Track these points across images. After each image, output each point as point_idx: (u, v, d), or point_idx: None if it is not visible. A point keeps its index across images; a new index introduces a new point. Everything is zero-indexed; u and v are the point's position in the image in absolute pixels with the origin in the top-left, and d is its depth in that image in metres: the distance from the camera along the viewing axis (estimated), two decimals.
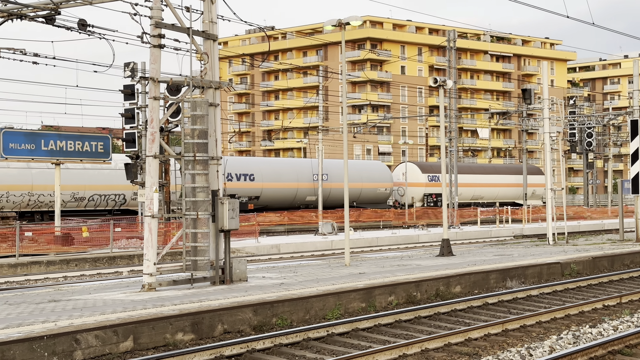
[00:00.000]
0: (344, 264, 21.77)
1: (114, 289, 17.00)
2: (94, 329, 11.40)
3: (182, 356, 10.98)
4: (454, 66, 57.12)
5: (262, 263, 26.90)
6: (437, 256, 24.55)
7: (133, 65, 31.16)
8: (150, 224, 16.14)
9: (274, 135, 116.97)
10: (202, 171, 16.68)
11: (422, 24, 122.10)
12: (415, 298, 16.76)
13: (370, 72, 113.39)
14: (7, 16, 16.96)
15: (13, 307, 14.09)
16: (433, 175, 66.13)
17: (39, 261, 27.79)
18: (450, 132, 57.08)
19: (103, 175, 43.10)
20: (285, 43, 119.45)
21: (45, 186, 40.39)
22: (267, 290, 15.73)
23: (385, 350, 11.38)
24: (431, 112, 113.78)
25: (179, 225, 32.99)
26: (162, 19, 16.43)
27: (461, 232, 44.76)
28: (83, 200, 43.34)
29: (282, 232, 47.76)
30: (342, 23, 21.72)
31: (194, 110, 16.65)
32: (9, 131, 32.04)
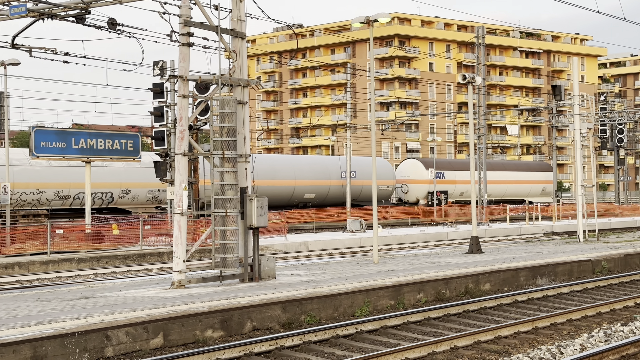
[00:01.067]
0: (373, 261, 21.75)
1: (143, 286, 17.12)
2: (124, 326, 11.49)
3: (212, 353, 11.03)
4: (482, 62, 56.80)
5: (290, 260, 26.96)
6: (466, 253, 24.44)
7: (162, 63, 31.36)
8: (179, 221, 16.23)
9: (302, 132, 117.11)
10: (230, 169, 16.74)
11: (450, 21, 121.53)
12: (444, 296, 16.70)
13: (398, 69, 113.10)
14: (38, 16, 17.14)
15: (45, 304, 14.24)
16: (438, 172, 63.68)
17: (70, 258, 28.06)
18: (479, 128, 56.77)
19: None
20: (313, 40, 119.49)
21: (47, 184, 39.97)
22: (296, 287, 15.76)
23: (414, 348, 11.35)
24: (460, 109, 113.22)
25: (207, 223, 33.15)
26: (191, 18, 16.51)
27: (490, 230, 44.51)
28: (68, 198, 41.36)
29: (311, 230, 47.81)
30: (370, 20, 21.67)
31: (223, 108, 16.72)
32: (41, 130, 32.35)
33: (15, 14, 17.04)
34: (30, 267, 26.67)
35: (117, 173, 42.38)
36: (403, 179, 63.63)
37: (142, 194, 44.18)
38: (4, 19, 18.15)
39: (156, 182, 44.77)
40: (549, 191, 71.21)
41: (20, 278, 24.07)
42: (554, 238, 36.26)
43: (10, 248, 29.24)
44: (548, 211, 54.66)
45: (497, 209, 55.90)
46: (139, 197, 44.07)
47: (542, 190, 71.20)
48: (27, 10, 17.05)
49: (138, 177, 43.59)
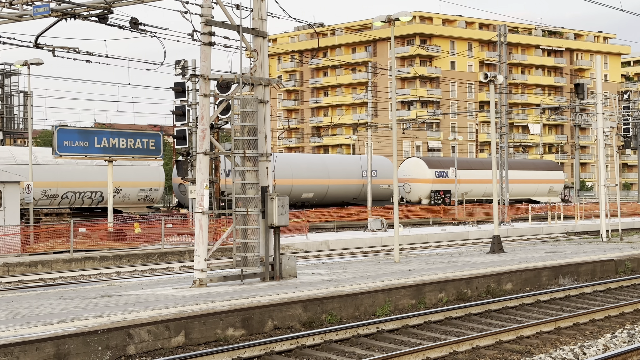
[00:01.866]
0: (394, 261, 21.71)
1: (165, 284, 17.19)
2: (146, 324, 11.54)
3: (233, 351, 11.06)
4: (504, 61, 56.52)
5: (311, 259, 26.96)
6: (488, 253, 24.33)
7: (184, 63, 31.44)
8: (200, 220, 16.27)
9: (322, 131, 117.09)
10: (251, 168, 16.77)
11: (472, 19, 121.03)
12: (466, 295, 16.64)
13: (419, 67, 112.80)
14: (61, 15, 17.24)
15: (68, 302, 14.33)
16: (441, 171, 62.29)
17: (93, 257, 28.24)
18: (501, 127, 56.49)
19: (78, 171, 39.94)
20: (334, 39, 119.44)
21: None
22: (317, 286, 15.76)
23: (435, 348, 11.32)
24: (481, 108, 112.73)
25: (229, 222, 33.24)
26: (212, 17, 16.54)
27: (512, 229, 44.29)
28: (56, 197, 40.88)
29: (332, 229, 47.79)
30: (392, 19, 21.63)
31: (244, 107, 16.75)
32: (63, 129, 32.58)
33: (39, 14, 17.15)
34: (54, 266, 26.86)
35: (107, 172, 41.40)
36: (405, 178, 62.07)
37: (134, 194, 43.43)
38: (28, 18, 18.29)
39: (148, 181, 43.71)
40: (557, 190, 69.64)
41: (43, 276, 24.26)
42: (576, 238, 36.01)
43: (33, 246, 29.47)
44: (570, 211, 54.30)
45: (519, 208, 55.57)
46: (130, 196, 43.32)
47: (549, 189, 69.57)
48: (50, 10, 17.16)
49: (129, 176, 42.73)
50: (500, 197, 55.54)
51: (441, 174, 62.40)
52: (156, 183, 45.57)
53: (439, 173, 62.24)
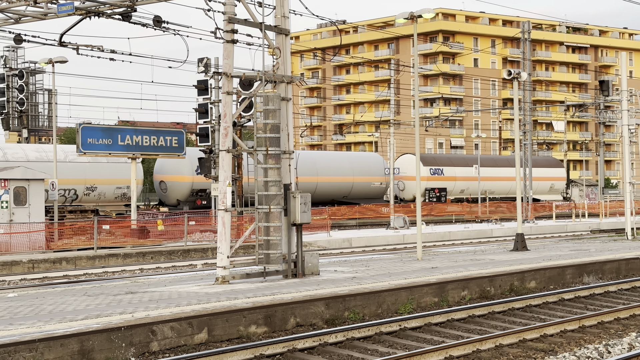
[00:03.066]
0: (416, 258, 21.65)
1: (188, 281, 17.26)
2: (169, 321, 11.59)
3: (256, 348, 11.07)
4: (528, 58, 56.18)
5: (333, 257, 26.97)
6: (511, 251, 24.20)
7: (206, 60, 31.56)
8: (223, 217, 16.32)
9: (345, 129, 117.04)
10: (274, 165, 16.78)
11: (495, 16, 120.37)
12: (489, 293, 16.56)
13: (442, 64, 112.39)
14: (85, 14, 17.35)
15: (92, 299, 14.43)
16: (436, 168, 59.98)
17: (116, 254, 28.42)
18: (525, 125, 56.18)
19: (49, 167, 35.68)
20: (356, 37, 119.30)
21: None
22: (339, 284, 15.75)
23: (458, 346, 11.27)
24: (504, 105, 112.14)
25: (251, 219, 33.31)
26: (235, 15, 16.57)
27: (536, 227, 44.03)
28: None
29: (354, 226, 47.75)
30: (415, 16, 21.56)
31: (267, 105, 16.76)
32: (88, 126, 32.79)
33: (63, 12, 17.27)
34: (78, 262, 27.06)
35: (82, 168, 39.89)
36: (399, 176, 59.61)
37: (110, 191, 42.00)
38: (52, 17, 18.42)
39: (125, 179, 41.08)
40: (558, 188, 67.30)
41: (67, 273, 24.44)
42: (601, 235, 35.73)
43: (58, 243, 29.71)
44: (595, 208, 53.90)
45: (543, 206, 55.21)
46: (106, 194, 41.96)
47: (550, 187, 67.35)
48: (74, 8, 17.28)
49: (105, 173, 41.25)
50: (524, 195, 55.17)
51: (436, 171, 60.33)
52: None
53: (434, 170, 60.13)
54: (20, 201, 29.44)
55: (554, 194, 67.64)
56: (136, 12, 17.73)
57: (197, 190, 46.27)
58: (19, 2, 17.91)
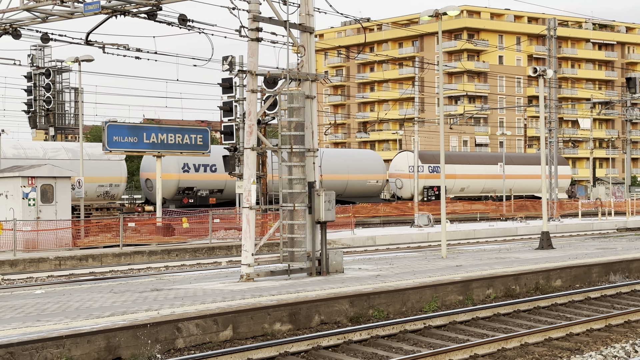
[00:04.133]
0: (441, 256, 21.59)
1: (213, 279, 17.33)
2: (194, 318, 11.65)
3: (280, 346, 11.11)
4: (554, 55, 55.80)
5: (357, 255, 26.96)
6: (537, 249, 24.06)
7: (231, 59, 31.61)
8: (248, 215, 16.37)
9: (369, 127, 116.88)
10: (298, 163, 16.81)
11: (521, 13, 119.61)
12: (514, 291, 16.48)
13: (467, 62, 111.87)
14: (111, 12, 17.46)
15: (118, 295, 14.54)
16: (435, 165, 57.60)
17: (142, 251, 28.60)
18: (550, 122, 55.80)
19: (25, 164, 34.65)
20: (380, 34, 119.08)
21: None
22: (364, 281, 15.75)
23: (483, 344, 11.23)
24: (530, 103, 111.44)
25: (275, 217, 33.37)
26: (260, 13, 16.61)
27: (561, 225, 43.74)
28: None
29: (378, 224, 47.70)
30: (439, 13, 21.48)
31: (291, 103, 16.79)
32: (113, 124, 33.01)
33: (89, 11, 17.39)
34: (104, 260, 27.27)
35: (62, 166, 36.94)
36: (397, 174, 58.36)
37: (92, 189, 40.67)
38: (79, 16, 18.56)
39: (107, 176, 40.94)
40: (563, 186, 65.15)
41: (93, 270, 24.63)
42: (627, 234, 35.42)
43: (84, 240, 29.95)
44: (622, 207, 53.43)
45: (570, 203, 54.78)
46: (87, 192, 40.03)
47: None
48: (100, 7, 17.39)
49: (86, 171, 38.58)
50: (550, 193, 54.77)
51: (435, 169, 58.12)
52: (117, 178, 42.57)
53: (433, 168, 57.98)
54: (47, 199, 29.71)
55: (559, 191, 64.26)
56: (161, 11, 17.82)
57: (183, 189, 44.78)
58: (46, 1, 18.06)
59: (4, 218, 28.49)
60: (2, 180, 29.89)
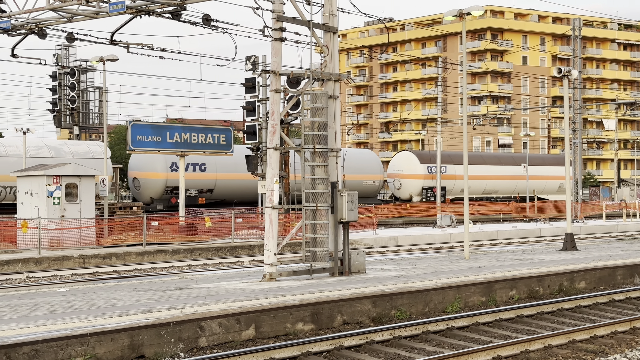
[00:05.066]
0: (463, 257, 21.52)
1: (235, 278, 17.38)
2: (217, 317, 11.69)
3: (303, 345, 11.11)
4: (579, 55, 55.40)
5: (380, 255, 26.93)
6: (560, 251, 23.91)
7: (254, 58, 31.72)
8: (270, 215, 16.40)
9: (391, 127, 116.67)
10: (321, 163, 16.81)
11: (545, 13, 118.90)
12: (538, 293, 16.39)
13: (490, 62, 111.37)
14: (135, 12, 17.56)
15: (141, 294, 14.62)
16: (434, 166, 55.47)
17: (165, 250, 28.73)
18: (574, 123, 55.41)
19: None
20: (403, 34, 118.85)
21: None
22: (386, 282, 15.72)
23: (506, 346, 11.18)
24: (554, 103, 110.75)
25: (298, 217, 33.40)
26: (283, 13, 16.63)
27: (585, 227, 43.43)
28: None
29: (400, 224, 47.61)
30: (463, 13, 21.40)
31: (314, 103, 16.79)
32: (137, 124, 33.19)
33: (114, 11, 17.50)
34: (127, 258, 27.43)
35: (21, 165, 36.81)
36: (396, 174, 57.06)
37: None
38: (104, 15, 18.68)
39: None
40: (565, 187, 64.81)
41: (117, 268, 24.79)
42: None
43: (108, 239, 30.15)
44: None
45: (594, 205, 54.38)
46: None
47: (559, 186, 63.54)
48: (125, 7, 17.50)
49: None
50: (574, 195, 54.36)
51: (433, 169, 56.16)
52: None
53: (432, 168, 56.39)
54: (71, 197, 29.93)
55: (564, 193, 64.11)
56: (186, 11, 17.90)
57: (171, 188, 43.06)
58: (72, 1, 18.19)
59: (29, 216, 28.73)
60: (27, 178, 30.16)
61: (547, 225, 43.15)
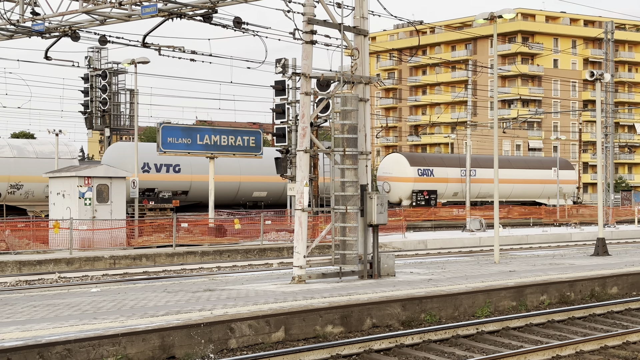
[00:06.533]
0: (493, 261, 21.39)
1: (265, 280, 17.42)
2: (247, 319, 11.72)
3: (332, 348, 11.11)
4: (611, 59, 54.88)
5: (409, 258, 26.85)
6: (592, 255, 23.69)
7: (284, 61, 31.80)
8: (300, 217, 16.42)
9: (421, 130, 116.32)
10: (351, 166, 16.81)
11: (577, 16, 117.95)
12: (569, 298, 16.24)
13: (521, 65, 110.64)
14: (167, 15, 17.69)
15: (171, 295, 14.70)
16: (425, 168, 55.20)
17: (194, 251, 28.88)
18: (606, 127, 54.88)
19: None
20: (433, 37, 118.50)
21: None
22: (415, 285, 15.68)
23: (537, 351, 11.10)
24: (585, 107, 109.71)
25: (327, 219, 33.41)
26: (314, 15, 16.66)
27: (617, 231, 42.99)
28: None
29: (429, 228, 47.45)
30: (495, 16, 21.30)
31: (344, 106, 16.79)
32: (168, 126, 33.39)
33: (147, 14, 17.65)
34: (157, 259, 27.60)
35: (5, 164, 36.60)
36: (385, 176, 55.54)
37: (39, 190, 37.93)
38: (136, 18, 18.84)
39: None
40: (567, 192, 61.77)
41: (147, 269, 24.96)
42: None
43: (138, 240, 30.36)
44: None
45: (625, 210, 53.79)
46: (34, 193, 38.12)
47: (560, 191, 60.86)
48: (157, 10, 17.63)
49: (33, 170, 37.35)
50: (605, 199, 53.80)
51: (425, 172, 55.35)
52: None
53: (422, 171, 55.19)
54: (102, 198, 30.19)
55: (563, 197, 61.47)
56: (217, 14, 18.00)
57: (143, 190, 40.96)
58: (104, 4, 18.37)
59: (61, 217, 29.02)
60: (59, 179, 30.47)
61: (578, 230, 42.77)
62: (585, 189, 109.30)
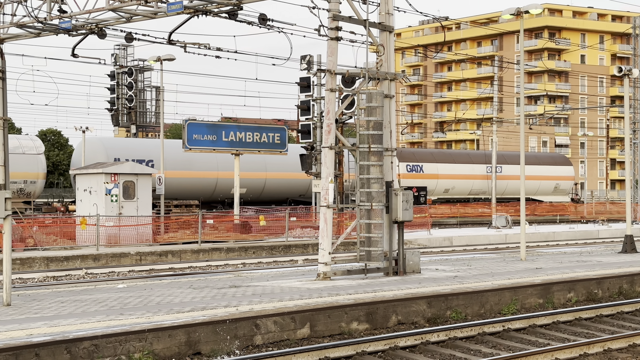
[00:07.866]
0: (520, 258, 21.25)
1: (290, 276, 17.43)
2: (272, 315, 11.73)
3: (358, 345, 11.10)
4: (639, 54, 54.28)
5: (434, 255, 26.76)
6: (619, 253, 23.47)
7: (309, 58, 31.80)
8: (325, 214, 16.40)
9: (446, 126, 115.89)
10: (376, 162, 16.77)
11: (604, 11, 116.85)
12: (596, 296, 16.10)
13: (547, 61, 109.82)
14: (193, 12, 17.72)
15: (197, 291, 14.76)
16: (414, 164, 53.24)
17: (219, 248, 28.97)
18: (635, 123, 54.30)
19: None
20: (459, 33, 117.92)
21: None
22: (441, 282, 15.61)
23: (564, 349, 11.01)
24: (613, 103, 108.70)
25: (351, 216, 33.38)
26: (340, 12, 16.63)
27: None
28: None
29: (454, 225, 47.25)
30: (521, 12, 21.14)
31: (369, 102, 16.75)
32: (193, 123, 33.51)
33: (172, 11, 17.68)
34: (183, 256, 27.73)
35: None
36: None
37: None
38: (161, 15, 18.88)
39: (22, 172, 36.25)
40: (564, 188, 60.26)
41: (173, 266, 25.08)
42: None
43: (164, 236, 30.51)
44: None
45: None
46: None
47: (554, 187, 59.87)
48: (183, 7, 17.66)
49: None
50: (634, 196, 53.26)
51: (414, 168, 53.34)
52: (33, 174, 37.81)
53: (412, 167, 53.26)
54: (128, 195, 30.37)
55: (560, 194, 60.08)
56: (242, 10, 17.99)
57: None
58: (131, 1, 18.45)
59: (88, 213, 29.24)
60: (86, 176, 30.69)
61: (605, 227, 42.39)
62: (613, 186, 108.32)
